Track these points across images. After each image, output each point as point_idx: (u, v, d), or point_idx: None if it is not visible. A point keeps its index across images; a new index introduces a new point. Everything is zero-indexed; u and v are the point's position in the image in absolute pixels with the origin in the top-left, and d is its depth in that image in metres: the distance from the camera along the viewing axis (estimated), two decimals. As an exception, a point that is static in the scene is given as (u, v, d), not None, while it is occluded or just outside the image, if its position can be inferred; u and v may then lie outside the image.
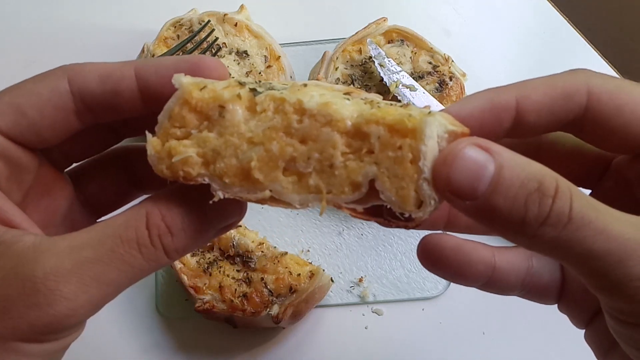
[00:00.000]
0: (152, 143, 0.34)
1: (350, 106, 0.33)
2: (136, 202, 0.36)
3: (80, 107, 0.37)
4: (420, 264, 0.42)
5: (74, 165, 0.43)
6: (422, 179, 0.31)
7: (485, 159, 0.30)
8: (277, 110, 0.34)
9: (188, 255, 0.74)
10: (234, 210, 0.37)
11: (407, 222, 0.33)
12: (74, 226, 0.40)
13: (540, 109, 0.35)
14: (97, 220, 0.44)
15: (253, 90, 0.34)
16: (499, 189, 0.30)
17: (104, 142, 0.43)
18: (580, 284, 0.42)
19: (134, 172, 0.43)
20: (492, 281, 0.42)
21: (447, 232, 0.43)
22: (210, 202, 0.33)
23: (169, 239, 0.35)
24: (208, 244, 0.75)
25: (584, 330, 0.43)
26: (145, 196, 0.39)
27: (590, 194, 0.41)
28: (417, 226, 0.33)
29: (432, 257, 0.41)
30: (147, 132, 0.34)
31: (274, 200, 0.34)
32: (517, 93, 0.35)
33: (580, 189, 0.32)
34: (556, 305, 0.45)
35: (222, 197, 0.33)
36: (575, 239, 0.30)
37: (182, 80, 0.34)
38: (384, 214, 0.33)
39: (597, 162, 0.40)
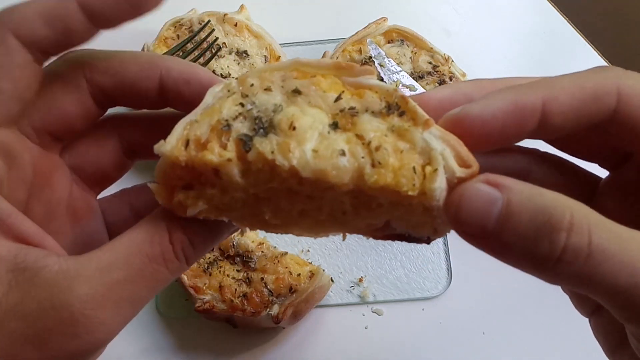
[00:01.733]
0: (160, 195, 0.34)
1: (348, 165, 0.31)
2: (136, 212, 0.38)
3: (38, 57, 0.35)
4: (420, 264, 0.41)
5: (64, 143, 0.41)
6: (439, 223, 0.33)
7: (493, 196, 0.29)
8: (273, 173, 0.32)
9: (188, 255, 0.74)
10: None
11: (427, 241, 0.35)
12: (77, 213, 0.40)
13: (567, 111, 0.33)
14: (98, 198, 0.44)
15: (242, 140, 0.32)
16: (507, 226, 0.29)
17: (92, 114, 0.40)
18: None
19: (126, 140, 0.43)
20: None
21: None
22: (235, 234, 0.34)
23: (192, 250, 0.35)
24: (208, 244, 0.75)
25: (584, 328, 0.43)
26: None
27: (608, 176, 0.40)
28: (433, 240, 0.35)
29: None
30: (149, 185, 0.34)
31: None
32: (543, 94, 0.33)
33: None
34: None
35: (247, 231, 0.35)
36: (598, 274, 0.29)
37: (162, 149, 0.32)
38: (403, 236, 0.35)
39: (619, 145, 0.38)
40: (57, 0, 0.35)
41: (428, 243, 0.35)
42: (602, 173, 0.41)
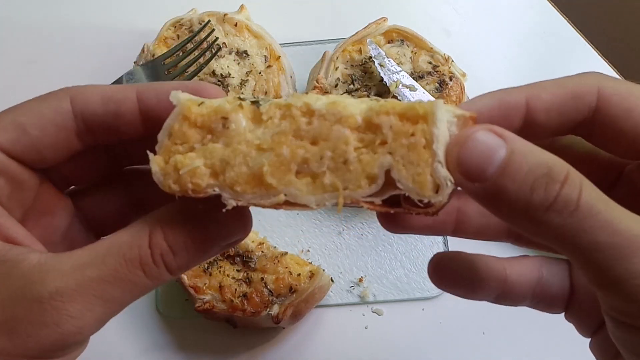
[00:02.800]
0: (156, 160, 0.34)
1: (358, 103, 0.34)
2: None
3: (82, 128, 0.38)
4: (420, 263, 0.42)
5: (74, 187, 0.44)
6: (437, 162, 0.32)
7: (497, 143, 0.31)
8: (284, 116, 0.34)
9: (188, 255, 0.74)
10: (237, 228, 0.37)
11: (427, 209, 0.33)
12: (74, 245, 0.40)
13: (549, 108, 0.36)
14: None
15: (255, 102, 0.34)
16: (507, 171, 0.31)
17: (104, 168, 0.43)
18: (588, 293, 0.42)
19: (134, 193, 0.44)
20: (504, 294, 0.42)
21: (456, 240, 0.43)
22: (224, 210, 0.33)
23: (171, 258, 0.35)
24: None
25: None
26: None
27: None
28: (437, 213, 0.33)
29: (444, 276, 0.42)
30: (148, 152, 0.34)
31: (289, 204, 0.34)
32: (527, 93, 0.36)
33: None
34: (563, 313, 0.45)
35: (235, 205, 0.33)
36: (581, 228, 0.30)
37: (180, 96, 0.34)
38: (403, 204, 0.33)
39: (609, 169, 0.40)
40: (120, 86, 0.38)
41: (427, 215, 0.34)
42: None
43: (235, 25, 0.88)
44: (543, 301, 0.43)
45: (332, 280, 0.77)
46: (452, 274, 0.41)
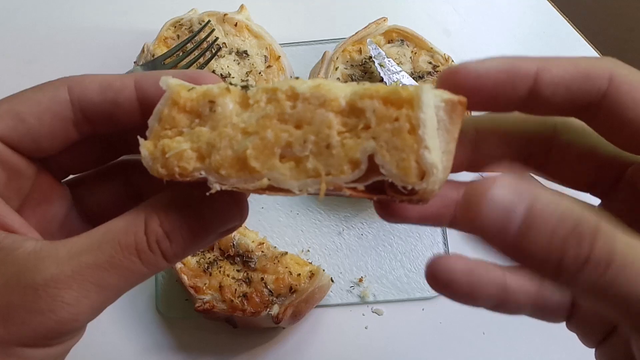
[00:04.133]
0: (145, 145, 0.34)
1: (343, 86, 0.33)
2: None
3: (79, 117, 0.37)
4: (420, 263, 0.41)
5: (72, 176, 0.44)
6: (423, 148, 0.30)
7: (514, 201, 0.28)
8: (270, 100, 0.33)
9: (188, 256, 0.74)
10: (233, 215, 0.37)
11: (410, 196, 0.31)
12: (71, 234, 0.40)
13: (558, 83, 0.34)
14: None
15: (244, 87, 0.34)
16: (531, 231, 0.28)
17: (101, 158, 0.43)
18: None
19: (131, 184, 0.44)
20: (503, 303, 0.41)
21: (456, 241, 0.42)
22: (207, 193, 0.33)
23: (167, 245, 0.35)
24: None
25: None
26: None
27: (600, 204, 0.40)
28: (422, 201, 0.32)
29: (441, 281, 0.40)
30: (139, 137, 0.34)
31: (273, 188, 0.33)
32: (538, 64, 0.35)
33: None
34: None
35: (218, 189, 0.33)
36: (618, 281, 0.28)
37: (170, 81, 0.34)
38: (387, 190, 0.32)
39: (610, 168, 0.39)
40: (119, 75, 0.37)
41: (411, 203, 0.32)
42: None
43: (235, 25, 0.88)
44: (543, 311, 0.42)
45: (332, 280, 0.77)
46: (449, 279, 0.39)
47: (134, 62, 0.88)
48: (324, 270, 0.74)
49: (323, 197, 0.33)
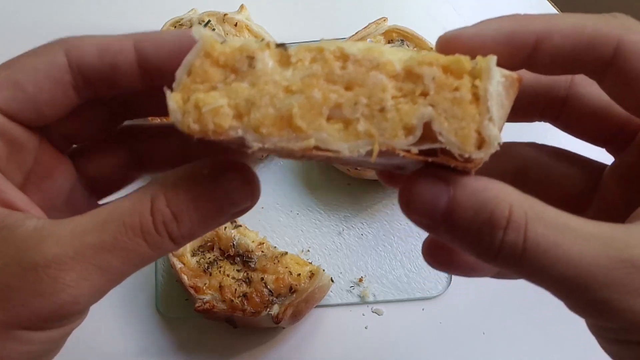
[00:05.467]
0: (173, 98, 0.32)
1: (395, 51, 0.32)
2: (142, 184, 0.35)
3: (79, 81, 0.36)
4: (420, 263, 0.41)
5: (75, 146, 0.42)
6: (488, 119, 0.30)
7: (440, 190, 0.31)
8: (315, 59, 0.32)
9: (188, 255, 0.74)
10: (245, 195, 0.35)
11: (465, 163, 0.31)
12: (76, 209, 0.38)
13: (558, 53, 0.33)
14: (100, 202, 0.43)
15: (280, 45, 0.33)
16: (452, 218, 0.30)
17: (104, 125, 0.41)
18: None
19: (136, 151, 0.42)
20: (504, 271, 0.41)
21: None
22: (249, 151, 0.31)
23: (174, 226, 0.33)
24: (208, 244, 0.75)
25: (584, 328, 0.42)
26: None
27: (614, 163, 0.39)
28: (475, 168, 0.32)
29: (440, 257, 0.40)
30: (165, 89, 0.32)
31: (319, 149, 0.32)
32: (539, 31, 0.33)
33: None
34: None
35: (260, 146, 0.31)
36: (535, 267, 0.30)
37: (202, 31, 0.32)
38: (440, 155, 0.32)
39: (624, 127, 0.38)
40: (117, 36, 0.36)
41: (465, 169, 0.32)
42: (608, 160, 0.41)
43: (235, 25, 0.88)
44: None
45: (332, 280, 0.77)
46: (447, 254, 0.39)
47: (134, 62, 0.88)
48: (324, 270, 0.74)
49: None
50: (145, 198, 0.33)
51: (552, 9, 1.04)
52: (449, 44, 0.34)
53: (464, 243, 0.31)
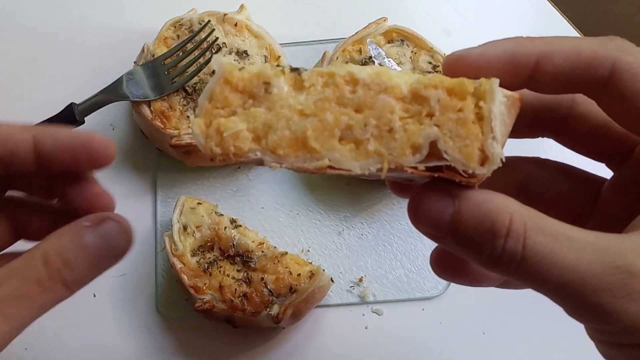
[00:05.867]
0: (197, 123, 0.34)
1: (401, 74, 0.34)
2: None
3: None
4: (420, 263, 0.42)
5: None
6: (491, 138, 0.32)
7: (446, 202, 0.33)
8: (327, 84, 0.34)
9: (188, 255, 0.74)
10: (123, 240, 0.40)
11: (469, 178, 0.33)
12: None
13: (558, 72, 0.35)
14: None
15: (294, 70, 0.35)
16: (457, 230, 0.32)
17: None
18: None
19: (16, 221, 0.46)
20: (508, 280, 0.43)
21: None
22: (270, 167, 0.34)
23: (66, 273, 0.37)
24: (208, 244, 0.75)
25: (582, 331, 0.43)
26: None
27: (612, 177, 0.41)
28: (479, 182, 0.34)
29: (447, 267, 0.42)
30: (190, 115, 0.35)
31: (333, 168, 0.34)
32: (539, 53, 0.35)
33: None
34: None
35: (279, 167, 0.34)
36: (533, 275, 0.32)
37: (222, 60, 0.35)
38: (445, 171, 0.34)
39: (623, 143, 0.40)
40: (21, 127, 0.41)
41: (469, 184, 0.34)
42: (607, 174, 0.42)
43: (235, 25, 0.88)
44: None
45: (332, 280, 0.77)
46: (455, 264, 0.42)
47: (134, 62, 0.88)
48: (324, 270, 0.74)
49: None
50: (38, 252, 0.38)
51: (552, 9, 1.04)
52: (456, 64, 0.37)
53: (468, 252, 0.33)
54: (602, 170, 0.43)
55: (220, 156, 0.34)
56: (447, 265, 0.42)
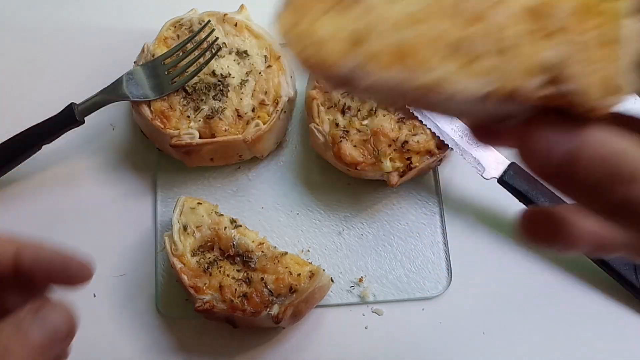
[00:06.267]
0: (285, 18, 0.30)
1: None
2: None
3: None
4: (420, 263, 0.41)
5: None
6: (627, 65, 0.28)
7: (565, 137, 0.29)
8: None
9: (188, 255, 0.74)
10: (65, 324, 0.40)
11: (591, 111, 0.29)
12: None
13: None
14: None
15: None
16: (575, 168, 0.29)
17: None
18: None
19: None
20: (599, 246, 0.39)
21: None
22: (357, 90, 0.30)
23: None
24: (208, 244, 0.75)
25: (584, 328, 0.42)
26: None
27: None
28: (601, 117, 0.30)
29: (541, 230, 0.38)
30: (275, 10, 0.30)
31: (433, 89, 0.29)
32: None
33: None
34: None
35: (374, 81, 0.29)
36: None
37: None
38: (562, 100, 0.30)
39: None
40: (6, 239, 0.42)
41: (590, 117, 0.30)
42: None
43: (236, 25, 0.88)
44: None
45: (332, 280, 0.77)
46: (549, 227, 0.38)
47: (134, 62, 0.88)
48: (324, 270, 0.74)
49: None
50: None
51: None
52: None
53: (583, 194, 0.30)
54: None
55: (309, 65, 0.29)
56: (541, 227, 0.38)
